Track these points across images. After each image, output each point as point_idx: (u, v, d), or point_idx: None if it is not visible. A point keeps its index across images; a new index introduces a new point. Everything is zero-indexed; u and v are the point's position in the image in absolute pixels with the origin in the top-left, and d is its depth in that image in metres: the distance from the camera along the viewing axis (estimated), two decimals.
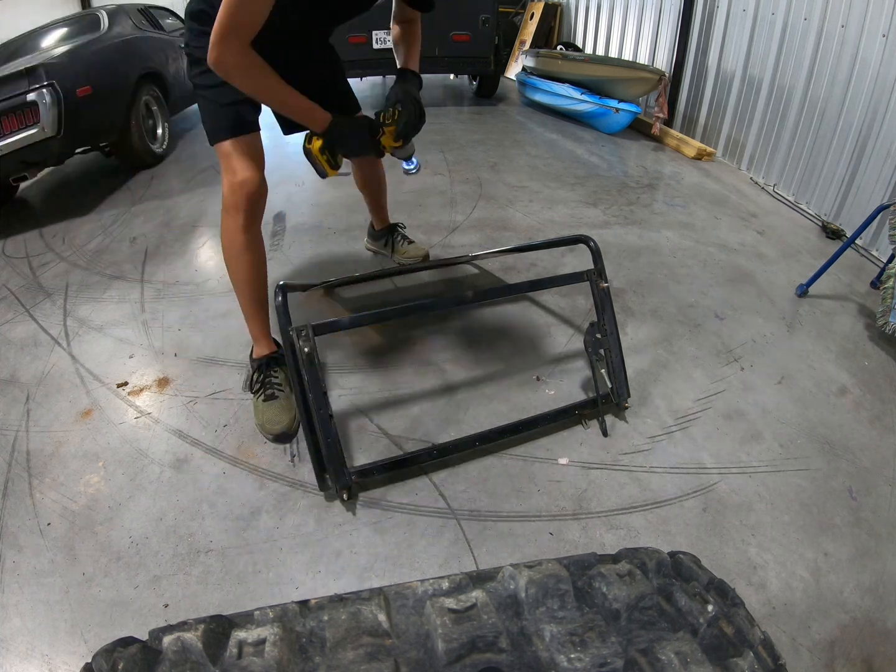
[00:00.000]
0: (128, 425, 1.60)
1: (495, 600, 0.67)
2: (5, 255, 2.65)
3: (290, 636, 0.64)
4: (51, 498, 1.39)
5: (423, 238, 2.63)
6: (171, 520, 1.33)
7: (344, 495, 1.33)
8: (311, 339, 1.31)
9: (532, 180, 3.28)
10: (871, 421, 1.62)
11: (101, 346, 1.94)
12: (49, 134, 2.77)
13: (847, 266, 2.38)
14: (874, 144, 2.51)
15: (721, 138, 3.81)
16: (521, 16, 6.50)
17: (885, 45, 2.43)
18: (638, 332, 1.98)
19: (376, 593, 0.69)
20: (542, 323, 2.01)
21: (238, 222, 1.49)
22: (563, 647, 0.62)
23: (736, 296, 2.19)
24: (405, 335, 1.96)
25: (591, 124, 4.46)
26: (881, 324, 1.85)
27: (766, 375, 1.78)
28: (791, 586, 1.18)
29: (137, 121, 3.48)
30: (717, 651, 0.62)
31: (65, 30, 3.68)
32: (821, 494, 1.40)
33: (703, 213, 2.93)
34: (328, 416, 1.31)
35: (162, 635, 0.63)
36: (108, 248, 2.63)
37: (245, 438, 1.55)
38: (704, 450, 1.51)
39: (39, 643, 1.09)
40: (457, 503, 1.37)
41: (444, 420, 1.60)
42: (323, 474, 1.33)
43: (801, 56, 2.98)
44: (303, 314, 1.99)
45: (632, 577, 0.69)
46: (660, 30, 4.45)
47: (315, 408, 1.29)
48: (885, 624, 1.12)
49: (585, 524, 1.31)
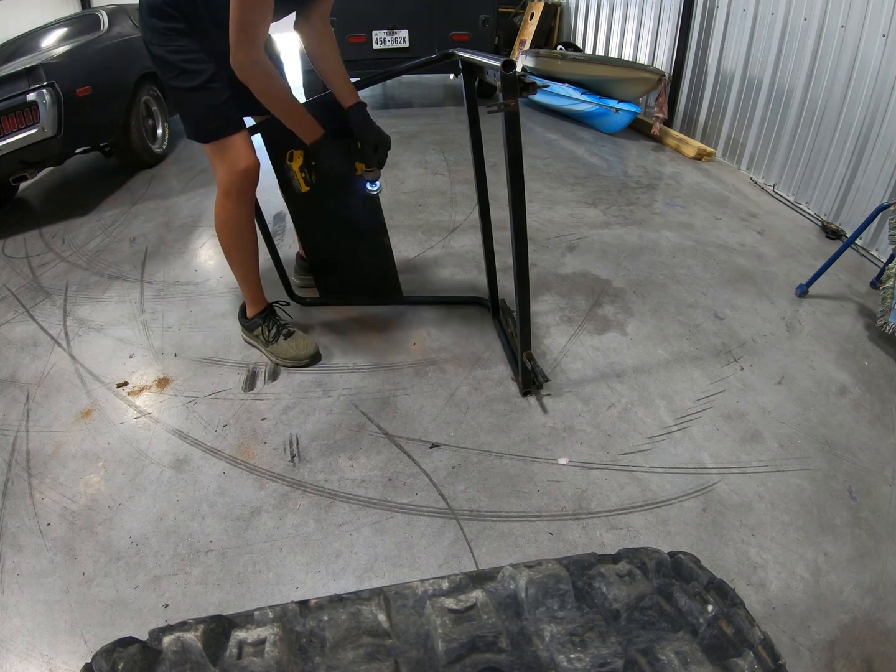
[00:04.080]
0: (128, 425, 1.60)
1: (495, 600, 0.67)
2: (5, 255, 2.65)
3: (290, 636, 0.64)
4: (51, 498, 1.39)
5: (424, 238, 2.63)
6: (171, 520, 1.33)
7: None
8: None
9: (532, 180, 3.28)
10: (871, 421, 1.62)
11: (101, 346, 1.94)
12: (49, 134, 2.78)
13: (847, 266, 2.38)
14: (874, 144, 2.51)
15: (721, 138, 3.81)
16: (521, 16, 6.49)
17: (885, 45, 2.43)
18: (638, 332, 1.98)
19: (376, 593, 0.69)
20: (541, 323, 2.01)
21: (243, 206, 1.64)
22: (563, 647, 0.62)
23: (736, 296, 2.19)
24: (405, 335, 1.96)
25: (591, 124, 4.46)
26: (881, 324, 1.85)
27: (766, 375, 1.78)
28: (791, 586, 1.18)
29: (137, 121, 3.48)
30: (717, 651, 0.62)
31: (65, 30, 3.68)
32: (821, 494, 1.40)
33: (703, 213, 2.93)
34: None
35: (162, 635, 0.63)
36: (108, 248, 2.63)
37: (245, 438, 1.55)
38: (704, 450, 1.51)
39: (39, 643, 1.09)
40: (457, 503, 1.37)
41: (445, 420, 1.60)
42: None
43: (801, 56, 2.98)
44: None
45: (632, 577, 0.69)
46: (660, 30, 4.44)
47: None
48: (885, 624, 1.12)
49: (585, 524, 1.31)
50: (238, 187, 1.59)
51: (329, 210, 1.86)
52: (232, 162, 1.55)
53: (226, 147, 1.54)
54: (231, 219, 1.66)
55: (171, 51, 1.44)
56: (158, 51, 1.46)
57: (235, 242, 1.72)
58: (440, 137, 4.15)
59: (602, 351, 1.88)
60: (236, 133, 1.54)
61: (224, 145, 1.54)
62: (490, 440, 1.54)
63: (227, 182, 1.58)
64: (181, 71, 1.45)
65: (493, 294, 1.99)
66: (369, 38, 4.58)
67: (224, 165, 1.56)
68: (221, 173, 1.58)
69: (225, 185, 1.59)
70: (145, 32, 1.48)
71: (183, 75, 1.46)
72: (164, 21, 1.43)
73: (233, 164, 1.55)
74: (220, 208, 1.65)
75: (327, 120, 1.64)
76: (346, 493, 1.39)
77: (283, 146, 1.76)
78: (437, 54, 1.63)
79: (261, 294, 1.85)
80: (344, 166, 1.69)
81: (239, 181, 1.58)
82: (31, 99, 2.71)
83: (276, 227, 2.73)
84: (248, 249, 1.75)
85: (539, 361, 1.72)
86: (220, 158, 1.56)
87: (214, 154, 1.57)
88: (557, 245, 2.57)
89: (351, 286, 2.08)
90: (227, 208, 1.63)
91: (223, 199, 1.62)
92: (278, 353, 1.81)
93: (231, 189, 1.59)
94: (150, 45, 1.47)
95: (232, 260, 1.77)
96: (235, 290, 2.23)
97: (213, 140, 1.53)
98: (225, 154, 1.55)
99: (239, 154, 1.54)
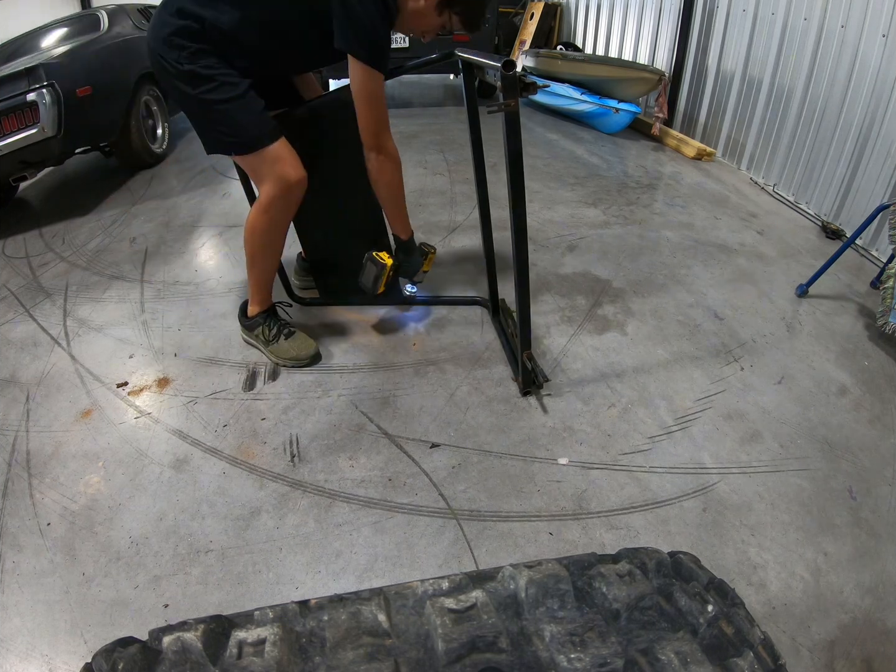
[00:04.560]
0: (128, 425, 1.60)
1: (495, 600, 0.67)
2: (5, 255, 2.65)
3: (290, 636, 0.64)
4: (51, 498, 1.39)
5: (423, 238, 2.63)
6: (171, 520, 1.33)
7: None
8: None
9: (532, 180, 3.28)
10: (871, 421, 1.62)
11: (101, 346, 1.94)
12: (49, 134, 2.77)
13: (847, 266, 2.38)
14: (874, 144, 2.51)
15: (721, 138, 3.81)
16: (521, 16, 6.49)
17: (885, 45, 2.43)
18: (638, 332, 1.98)
19: (376, 593, 0.69)
20: (541, 323, 2.01)
21: (285, 217, 1.67)
22: (563, 647, 0.62)
23: (736, 296, 2.19)
24: (405, 335, 1.96)
25: (591, 124, 4.46)
26: (881, 324, 1.85)
27: (766, 375, 1.78)
28: (791, 586, 1.18)
29: (137, 121, 3.48)
30: (717, 651, 0.62)
31: (65, 30, 3.68)
32: (821, 494, 1.40)
33: (703, 213, 2.93)
34: None
35: (162, 635, 0.63)
36: (108, 248, 2.63)
37: (245, 438, 1.55)
38: (704, 450, 1.51)
39: (39, 643, 1.09)
40: (457, 503, 1.37)
41: (445, 420, 1.60)
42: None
43: (801, 56, 2.98)
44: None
45: (632, 577, 0.69)
46: (660, 30, 4.44)
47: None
48: (885, 624, 1.12)
49: (585, 524, 1.31)
50: (286, 199, 1.58)
51: (329, 210, 1.86)
52: (282, 173, 1.53)
53: (271, 158, 1.52)
54: (270, 229, 1.65)
55: (204, 66, 1.43)
56: (189, 67, 1.42)
57: (263, 253, 1.73)
58: (440, 137, 4.15)
59: (602, 351, 1.88)
60: (277, 141, 1.52)
61: (269, 156, 1.52)
62: (490, 440, 1.54)
63: (275, 193, 1.56)
64: (218, 83, 1.44)
65: (493, 294, 1.99)
66: None
67: (273, 176, 1.54)
68: (269, 184, 1.55)
69: (272, 196, 1.57)
70: (168, 52, 1.42)
71: (221, 87, 1.44)
72: (197, 42, 1.42)
73: (283, 176, 1.54)
74: (260, 218, 1.62)
75: (327, 121, 1.64)
76: (346, 493, 1.39)
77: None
78: (437, 54, 1.63)
79: (268, 296, 1.85)
80: (415, 273, 1.89)
81: (289, 193, 1.57)
82: (31, 99, 2.71)
83: None
84: (274, 256, 1.77)
85: (539, 361, 1.72)
86: (268, 170, 1.54)
87: (259, 165, 1.55)
88: (557, 245, 2.57)
89: (351, 286, 2.08)
90: (269, 217, 1.62)
91: (267, 207, 1.60)
92: (278, 353, 1.81)
93: (278, 201, 1.58)
94: (177, 63, 1.42)
95: (254, 264, 1.76)
96: (235, 290, 2.23)
97: (256, 150, 1.51)
98: (272, 165, 1.53)
99: (288, 164, 1.54)
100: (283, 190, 1.56)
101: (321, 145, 1.74)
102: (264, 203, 1.59)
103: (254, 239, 1.68)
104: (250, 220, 1.65)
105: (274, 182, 1.55)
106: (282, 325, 1.84)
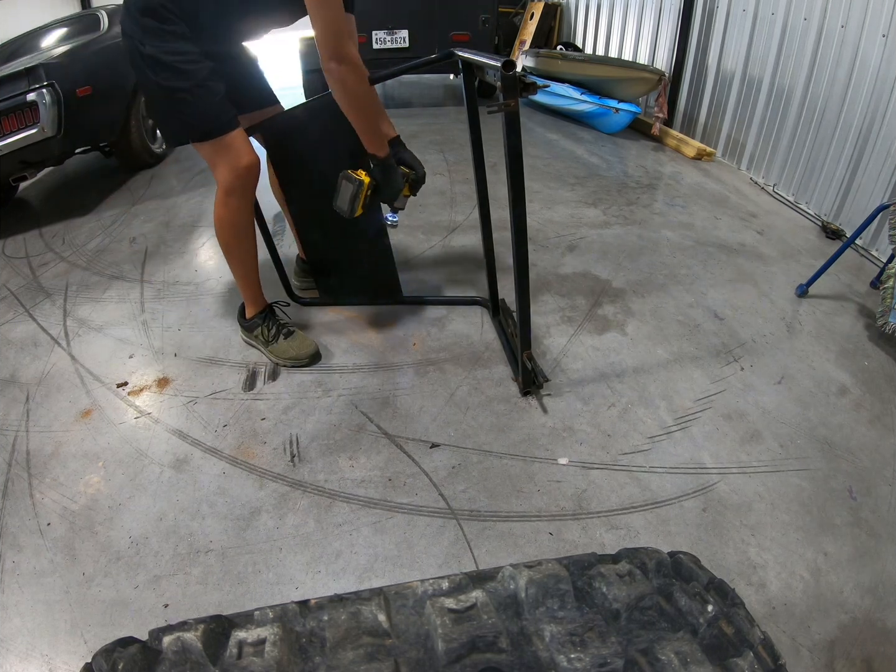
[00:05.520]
0: (128, 425, 1.60)
1: (495, 600, 0.67)
2: (5, 255, 2.65)
3: (290, 636, 0.64)
4: (51, 498, 1.39)
5: (423, 238, 2.63)
6: (171, 520, 1.33)
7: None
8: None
9: (532, 180, 3.28)
10: (871, 421, 1.62)
11: (101, 346, 1.94)
12: (49, 134, 2.77)
13: (847, 266, 2.38)
14: (874, 144, 2.51)
15: (721, 138, 3.81)
16: (521, 16, 6.49)
17: (885, 45, 2.43)
18: (638, 332, 1.98)
19: (376, 593, 0.69)
20: (541, 323, 2.01)
21: (245, 204, 1.65)
22: (563, 647, 0.62)
23: (736, 296, 2.19)
24: (405, 335, 1.96)
25: (591, 124, 4.46)
26: (881, 324, 1.85)
27: (766, 375, 1.78)
28: (791, 586, 1.18)
29: (137, 121, 3.47)
30: (717, 651, 0.62)
31: (65, 30, 3.68)
32: (821, 494, 1.40)
33: (703, 213, 2.93)
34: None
35: (162, 635, 0.63)
36: (108, 248, 2.63)
37: (245, 438, 1.55)
38: (704, 450, 1.51)
39: (39, 643, 1.09)
40: (457, 503, 1.37)
41: (445, 420, 1.60)
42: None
43: (801, 56, 2.98)
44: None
45: (632, 577, 0.69)
46: (660, 30, 4.44)
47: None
48: (885, 624, 1.12)
49: (585, 524, 1.31)
50: (241, 184, 1.59)
51: (327, 210, 1.86)
52: (234, 159, 1.55)
53: (225, 145, 1.53)
54: (233, 218, 1.66)
55: (167, 52, 1.42)
56: (151, 50, 1.41)
57: (236, 242, 1.72)
58: (440, 137, 4.15)
59: (602, 351, 1.88)
60: (234, 130, 1.54)
61: (223, 143, 1.53)
62: (490, 440, 1.54)
63: (229, 180, 1.58)
64: (176, 71, 1.44)
65: (493, 294, 1.99)
66: (369, 37, 4.58)
67: (226, 163, 1.56)
68: (223, 172, 1.57)
69: (227, 184, 1.59)
70: (134, 31, 1.42)
71: (179, 75, 1.44)
72: (160, 22, 1.41)
73: (235, 162, 1.55)
74: (221, 207, 1.64)
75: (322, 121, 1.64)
76: (346, 493, 1.39)
77: (283, 147, 1.76)
78: (437, 54, 1.63)
79: (260, 294, 1.86)
80: (397, 193, 1.66)
81: (242, 178, 1.58)
82: (31, 99, 2.71)
83: (277, 227, 2.73)
84: (247, 249, 1.75)
85: (539, 361, 1.72)
86: (221, 157, 1.55)
87: (213, 153, 1.56)
88: (557, 245, 2.57)
89: (351, 286, 2.08)
90: (230, 207, 1.63)
91: (225, 197, 1.61)
92: (278, 353, 1.81)
93: (234, 187, 1.59)
94: (141, 44, 1.42)
95: (232, 260, 1.77)
96: (236, 290, 2.22)
97: (212, 138, 1.52)
98: (225, 152, 1.54)
99: (240, 151, 1.55)
100: (235, 174, 1.57)
101: (317, 145, 1.74)
102: (220, 192, 1.61)
103: (223, 230, 1.69)
104: (215, 212, 1.66)
105: (226, 168, 1.56)
106: (281, 326, 1.84)
